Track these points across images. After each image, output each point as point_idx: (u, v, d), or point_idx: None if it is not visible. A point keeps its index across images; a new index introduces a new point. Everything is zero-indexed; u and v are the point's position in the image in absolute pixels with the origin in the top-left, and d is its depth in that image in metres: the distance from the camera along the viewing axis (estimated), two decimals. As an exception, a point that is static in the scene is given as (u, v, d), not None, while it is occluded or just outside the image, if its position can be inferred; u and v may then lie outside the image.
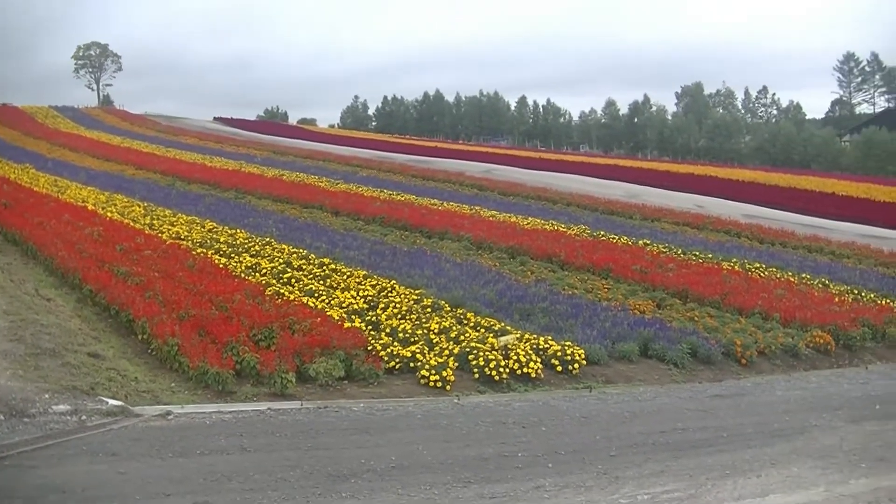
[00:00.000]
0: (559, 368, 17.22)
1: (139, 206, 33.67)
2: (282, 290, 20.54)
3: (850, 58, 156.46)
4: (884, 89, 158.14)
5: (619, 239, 32.69)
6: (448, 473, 11.25)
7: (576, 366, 17.34)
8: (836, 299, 25.56)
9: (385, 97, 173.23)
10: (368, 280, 22.28)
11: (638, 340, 19.18)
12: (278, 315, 17.83)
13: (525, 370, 16.70)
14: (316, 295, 20.55)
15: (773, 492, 11.26)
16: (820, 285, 27.54)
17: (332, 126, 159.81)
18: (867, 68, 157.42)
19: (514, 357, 16.83)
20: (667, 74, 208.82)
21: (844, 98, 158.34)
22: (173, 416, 13.14)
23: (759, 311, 22.97)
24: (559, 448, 12.67)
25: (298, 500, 10.19)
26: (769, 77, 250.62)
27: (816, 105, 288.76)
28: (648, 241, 32.50)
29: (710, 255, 30.53)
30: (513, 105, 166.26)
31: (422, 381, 15.94)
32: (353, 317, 18.82)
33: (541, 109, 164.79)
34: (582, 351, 17.67)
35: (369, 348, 16.81)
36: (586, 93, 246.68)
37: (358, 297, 20.64)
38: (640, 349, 18.99)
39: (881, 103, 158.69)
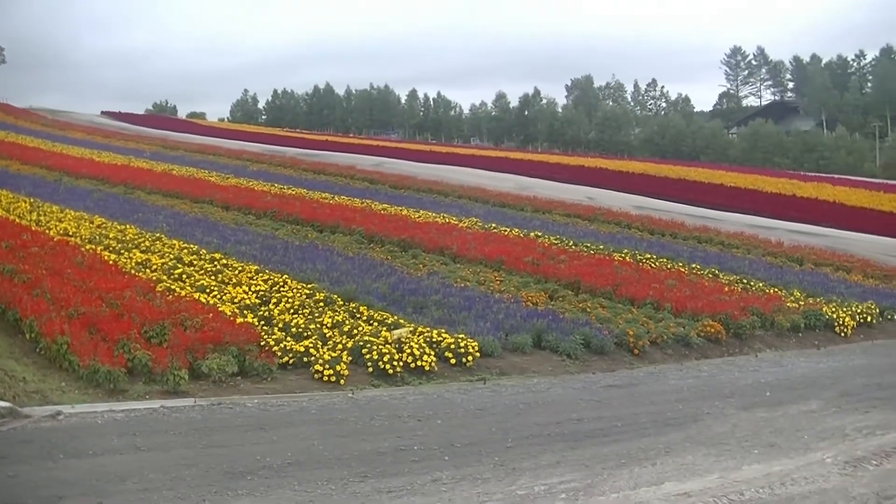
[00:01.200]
0: (453, 361, 17.23)
1: (25, 202, 32.85)
2: (173, 287, 20.23)
3: (737, 51, 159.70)
4: (770, 82, 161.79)
5: (510, 231, 32.88)
6: (345, 468, 11.19)
7: (469, 358, 17.36)
8: (726, 289, 26.03)
9: (275, 91, 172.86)
10: (260, 275, 22.06)
11: (531, 332, 19.28)
12: (170, 311, 17.56)
13: (419, 363, 16.68)
14: (208, 290, 20.31)
15: (669, 479, 11.41)
16: (710, 275, 28.01)
17: (221, 120, 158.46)
18: (754, 62, 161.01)
19: (408, 350, 16.79)
20: (557, 67, 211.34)
21: (732, 91, 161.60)
22: (64, 417, 12.84)
23: (651, 301, 23.26)
24: (455, 441, 12.68)
25: (194, 499, 10.04)
26: (658, 70, 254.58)
27: (705, 98, 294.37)
28: (540, 233, 32.73)
29: (601, 247, 30.87)
30: (403, 98, 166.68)
31: (315, 375, 15.84)
32: (245, 312, 18.62)
33: (431, 102, 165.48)
34: (475, 343, 17.69)
35: (262, 343, 16.62)
36: (477, 86, 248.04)
37: (250, 293, 20.44)
38: (533, 341, 19.10)
39: (767, 96, 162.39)
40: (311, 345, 16.67)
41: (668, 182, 65.16)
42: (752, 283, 27.36)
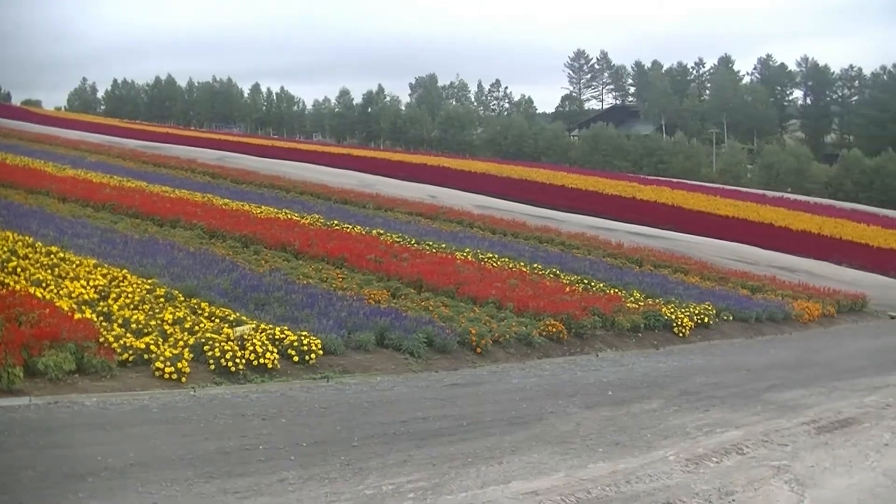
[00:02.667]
0: (296, 359, 17.08)
1: None
2: (6, 281, 19.57)
3: (580, 55, 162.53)
4: (611, 86, 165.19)
5: (353, 228, 32.83)
6: (189, 469, 10.96)
7: (313, 356, 17.24)
8: (568, 289, 26.43)
9: (115, 81, 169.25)
10: (99, 269, 21.52)
11: (374, 330, 19.23)
12: (3, 306, 16.98)
13: (262, 361, 16.48)
14: (44, 285, 19.70)
15: (516, 478, 11.49)
16: (552, 275, 28.42)
17: (58, 109, 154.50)
18: (596, 66, 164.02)
19: (251, 348, 16.57)
20: (401, 65, 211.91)
21: (574, 94, 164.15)
22: None
23: (493, 300, 23.45)
24: (300, 440, 12.56)
25: (33, 503, 9.75)
26: (502, 71, 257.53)
27: (547, 99, 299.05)
28: (382, 231, 32.75)
29: (443, 245, 31.03)
30: (246, 92, 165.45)
31: (156, 373, 15.48)
32: (83, 307, 18.11)
33: (274, 97, 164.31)
34: (318, 341, 17.58)
35: (101, 340, 16.18)
36: (320, 81, 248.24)
37: (88, 287, 19.90)
38: (376, 339, 19.06)
39: (609, 100, 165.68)
40: (151, 341, 16.31)
41: (510, 182, 65.97)
42: (592, 284, 27.86)
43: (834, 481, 12.58)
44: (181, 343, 16.57)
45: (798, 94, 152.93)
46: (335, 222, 33.96)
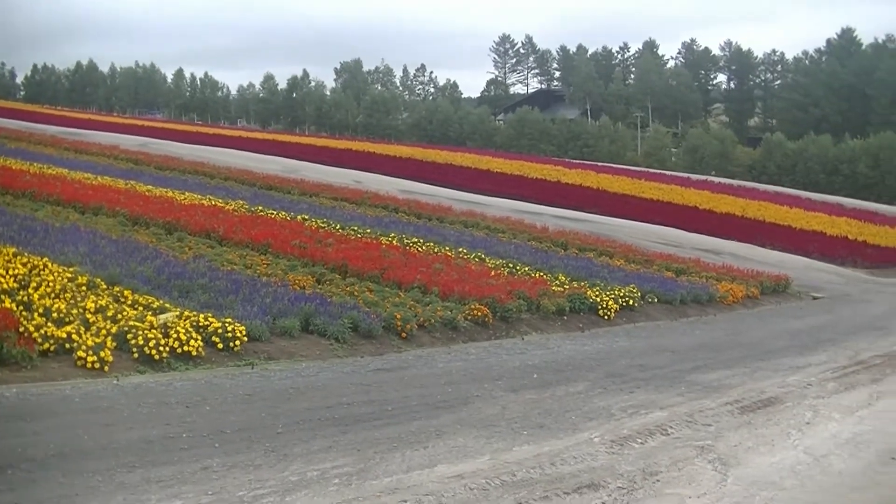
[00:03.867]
0: (220, 346, 16.95)
1: None
2: (-78, 270, 19.29)
3: (505, 39, 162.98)
4: (536, 71, 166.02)
5: (277, 214, 32.64)
6: (112, 458, 10.83)
7: (237, 343, 17.11)
8: (493, 273, 26.49)
9: (35, 66, 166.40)
10: (18, 258, 21.13)
11: (299, 316, 19.13)
12: (-81, 296, 16.75)
13: (186, 348, 16.33)
14: (-39, 275, 19.43)
15: (441, 462, 11.53)
16: (477, 259, 28.48)
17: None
18: (522, 50, 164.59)
19: (175, 335, 16.41)
20: (326, 50, 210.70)
21: (499, 78, 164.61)
22: None
23: (419, 285, 23.45)
24: (225, 427, 12.48)
25: (-51, 495, 9.59)
26: (428, 56, 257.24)
27: (473, 84, 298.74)
28: (307, 217, 32.59)
29: (368, 231, 30.97)
30: (170, 78, 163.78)
31: (78, 362, 15.26)
32: (2, 297, 17.86)
33: (198, 83, 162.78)
34: (243, 328, 17.45)
35: (21, 330, 15.95)
36: (245, 67, 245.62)
37: (7, 276, 19.58)
38: (301, 325, 18.95)
39: (534, 84, 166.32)
40: (73, 330, 16.08)
41: (435, 167, 66.10)
42: (518, 268, 27.96)
43: (756, 460, 12.78)
44: (104, 332, 16.34)
45: (722, 78, 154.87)
46: (260, 208, 33.75)
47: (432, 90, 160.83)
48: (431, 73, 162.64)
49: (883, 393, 18.13)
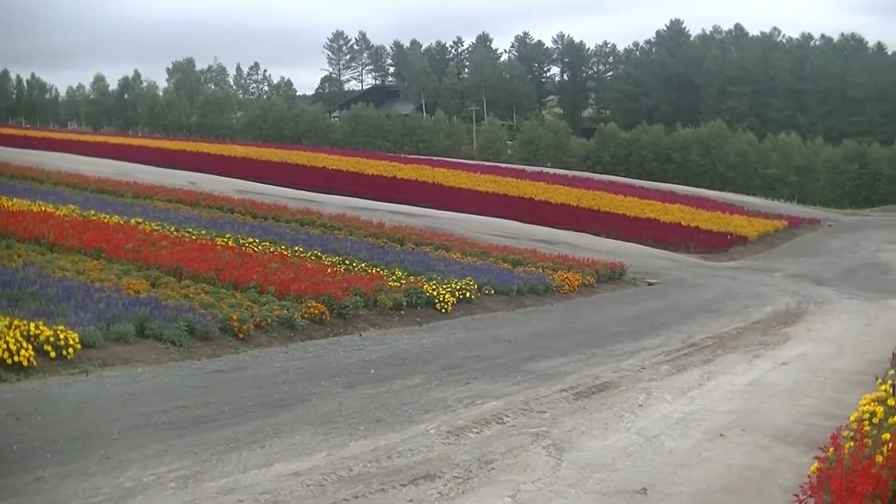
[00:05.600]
0: (53, 354, 16.58)
1: None
2: None
3: (339, 36, 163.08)
4: (371, 67, 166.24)
5: (110, 218, 31.97)
6: (-63, 474, 10.60)
7: (70, 350, 16.79)
8: (330, 270, 26.53)
9: None
10: None
11: (134, 321, 18.84)
12: None
13: (16, 359, 15.92)
14: None
15: (278, 461, 11.55)
16: (313, 257, 28.47)
17: None
18: (356, 46, 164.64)
19: (4, 346, 16.03)
20: (157, 49, 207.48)
21: (334, 75, 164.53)
22: None
23: (255, 285, 23.33)
24: (58, 437, 12.23)
25: None
26: (261, 54, 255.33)
27: (307, 82, 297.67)
28: (141, 220, 32.06)
29: (203, 232, 30.66)
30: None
31: None
32: None
33: (25, 85, 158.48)
34: (76, 335, 17.13)
35: None
36: (74, 67, 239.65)
37: None
38: (136, 329, 18.66)
39: (369, 80, 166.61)
40: None
41: (270, 166, 65.78)
42: (354, 264, 28.04)
43: (590, 443, 13.07)
44: (-73, 345, 15.94)
45: (555, 70, 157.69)
46: (92, 212, 33.04)
47: (266, 88, 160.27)
48: (265, 71, 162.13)
49: (713, 373, 18.68)
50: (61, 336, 16.85)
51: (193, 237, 29.67)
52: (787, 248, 54.76)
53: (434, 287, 25.79)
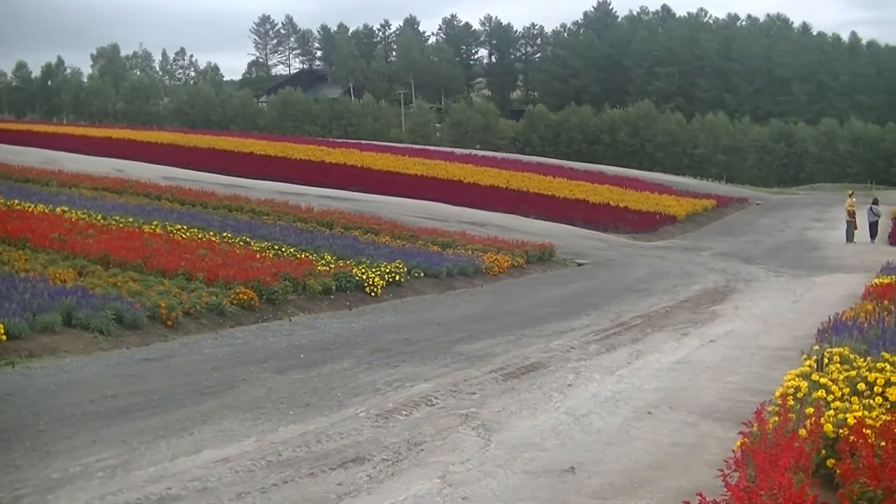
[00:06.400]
0: (-23, 347, 16.49)
1: None
2: None
3: (265, 20, 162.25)
4: (298, 51, 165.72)
5: (35, 207, 31.61)
6: None
7: (-5, 342, 16.68)
8: (258, 256, 26.47)
9: None
10: None
11: (60, 310, 18.66)
12: None
13: (-60, 351, 15.84)
14: None
15: (207, 447, 11.51)
16: (241, 243, 28.38)
17: None
18: (283, 31, 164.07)
19: (-74, 341, 15.91)
20: (81, 35, 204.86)
21: (261, 60, 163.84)
22: None
23: (183, 272, 23.21)
24: (-18, 430, 12.15)
25: None
26: (187, 39, 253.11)
27: (234, 67, 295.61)
28: (67, 209, 31.75)
29: (130, 220, 30.44)
30: None
31: None
32: None
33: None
34: (1, 326, 16.96)
35: None
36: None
37: None
38: (63, 319, 18.49)
39: (296, 65, 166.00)
40: None
41: (198, 152, 65.44)
42: (283, 249, 27.99)
43: (519, 423, 13.15)
44: None
45: (483, 52, 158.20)
46: (16, 202, 32.63)
47: (193, 74, 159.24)
48: (192, 56, 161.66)
49: (642, 352, 18.88)
50: (-15, 328, 16.68)
51: (121, 225, 29.43)
52: (715, 227, 55.50)
53: (363, 271, 25.82)
